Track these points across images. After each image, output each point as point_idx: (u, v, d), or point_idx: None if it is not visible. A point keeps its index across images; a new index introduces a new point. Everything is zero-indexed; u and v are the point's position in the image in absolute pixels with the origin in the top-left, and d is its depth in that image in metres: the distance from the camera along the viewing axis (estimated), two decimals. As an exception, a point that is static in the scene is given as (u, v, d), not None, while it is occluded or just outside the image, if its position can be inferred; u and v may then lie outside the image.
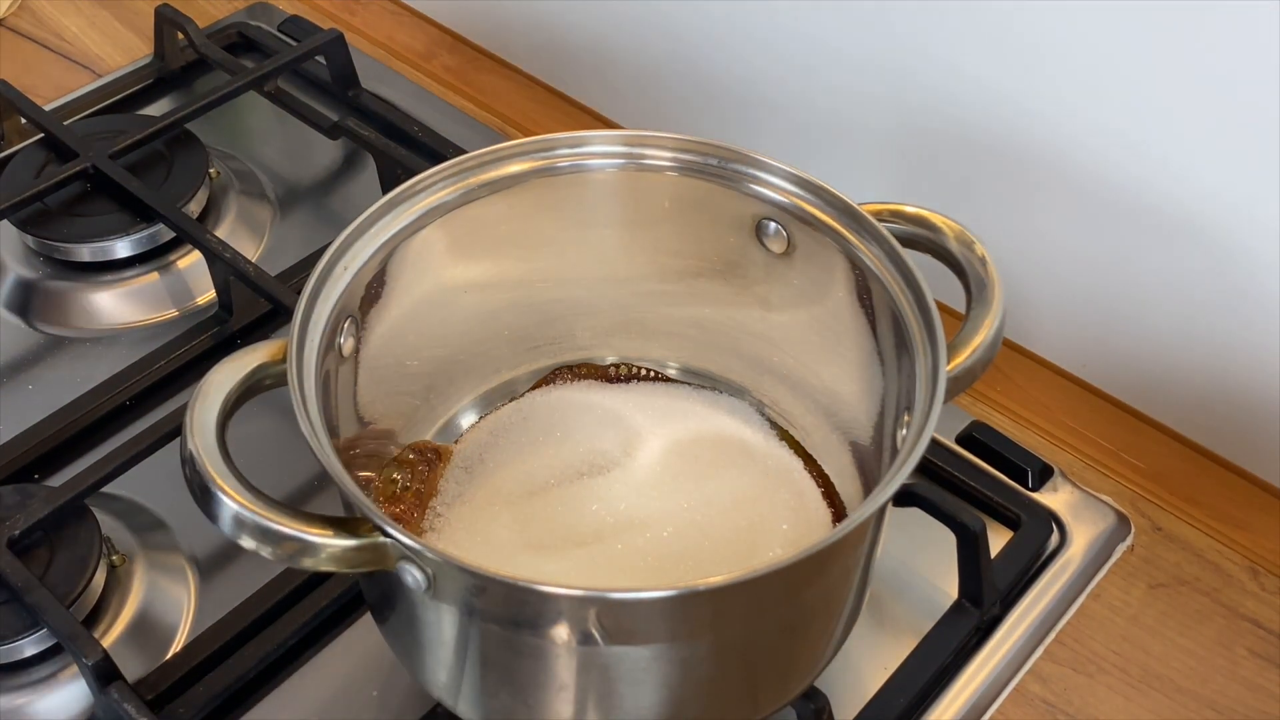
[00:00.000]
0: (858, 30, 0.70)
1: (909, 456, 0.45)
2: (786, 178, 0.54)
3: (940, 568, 0.61)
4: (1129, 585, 0.63)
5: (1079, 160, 0.65)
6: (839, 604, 0.50)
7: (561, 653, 0.46)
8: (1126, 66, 0.61)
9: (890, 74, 0.70)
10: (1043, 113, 0.65)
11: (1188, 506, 0.66)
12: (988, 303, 0.51)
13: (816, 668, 0.52)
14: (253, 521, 0.44)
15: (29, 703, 0.57)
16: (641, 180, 0.56)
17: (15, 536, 0.58)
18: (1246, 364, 0.64)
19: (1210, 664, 0.60)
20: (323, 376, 0.49)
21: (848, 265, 0.53)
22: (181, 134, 0.80)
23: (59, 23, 0.95)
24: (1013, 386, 0.71)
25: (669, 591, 0.43)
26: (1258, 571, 0.63)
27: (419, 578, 0.44)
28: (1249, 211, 0.60)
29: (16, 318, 0.74)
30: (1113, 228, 0.66)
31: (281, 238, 0.79)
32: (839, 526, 0.44)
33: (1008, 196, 0.69)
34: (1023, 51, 0.64)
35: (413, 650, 0.52)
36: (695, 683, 0.48)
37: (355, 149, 0.84)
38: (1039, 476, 0.65)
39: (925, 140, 0.71)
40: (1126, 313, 0.67)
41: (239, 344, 0.70)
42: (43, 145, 0.80)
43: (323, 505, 0.63)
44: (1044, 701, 0.58)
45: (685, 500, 0.56)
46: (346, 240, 0.52)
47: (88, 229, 0.75)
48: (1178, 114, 0.61)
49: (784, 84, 0.76)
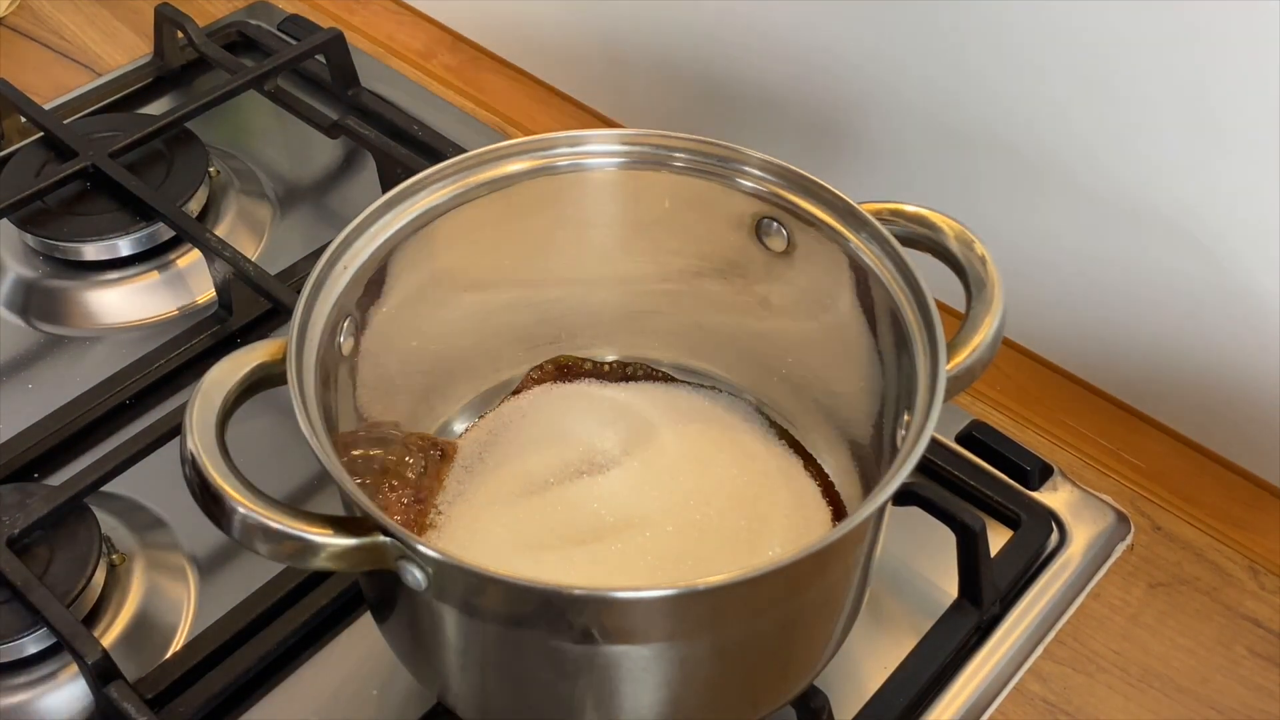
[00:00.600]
0: (857, 29, 0.70)
1: (909, 456, 0.45)
2: (786, 177, 0.54)
3: (940, 567, 0.61)
4: (1129, 584, 0.63)
5: (1079, 159, 0.65)
6: (839, 603, 0.50)
7: (560, 652, 0.46)
8: (1126, 66, 0.61)
9: (889, 73, 0.70)
10: (1043, 112, 0.65)
11: (1187, 505, 0.66)
12: (987, 302, 0.51)
13: (816, 667, 0.52)
14: (253, 521, 0.44)
15: (29, 702, 0.57)
16: (641, 179, 0.56)
17: (15, 535, 0.58)
18: (1246, 363, 0.64)
19: (1210, 663, 0.60)
20: (322, 376, 0.49)
21: (847, 264, 0.53)
22: (181, 133, 0.80)
23: (59, 21, 0.95)
24: (1012, 385, 0.71)
25: (668, 591, 0.43)
26: (1257, 571, 0.63)
27: (419, 577, 0.44)
28: (1249, 211, 0.60)
29: (16, 317, 0.74)
30: (1112, 226, 0.66)
31: (281, 237, 0.79)
32: (838, 526, 0.44)
33: (1007, 195, 0.69)
34: (1023, 51, 0.64)
35: (413, 650, 0.52)
36: (695, 682, 0.48)
37: (355, 148, 0.84)
38: (1039, 476, 0.65)
39: (925, 139, 0.71)
40: (1126, 311, 0.67)
41: (239, 343, 0.70)
42: (42, 144, 0.80)
43: (323, 505, 0.63)
44: (1044, 701, 0.58)
45: (685, 499, 0.56)
46: (346, 239, 0.52)
47: (87, 228, 0.75)
48: (1178, 113, 0.61)
49: (783, 83, 0.76)
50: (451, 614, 0.46)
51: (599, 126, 0.55)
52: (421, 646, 0.51)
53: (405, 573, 0.44)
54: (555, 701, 0.48)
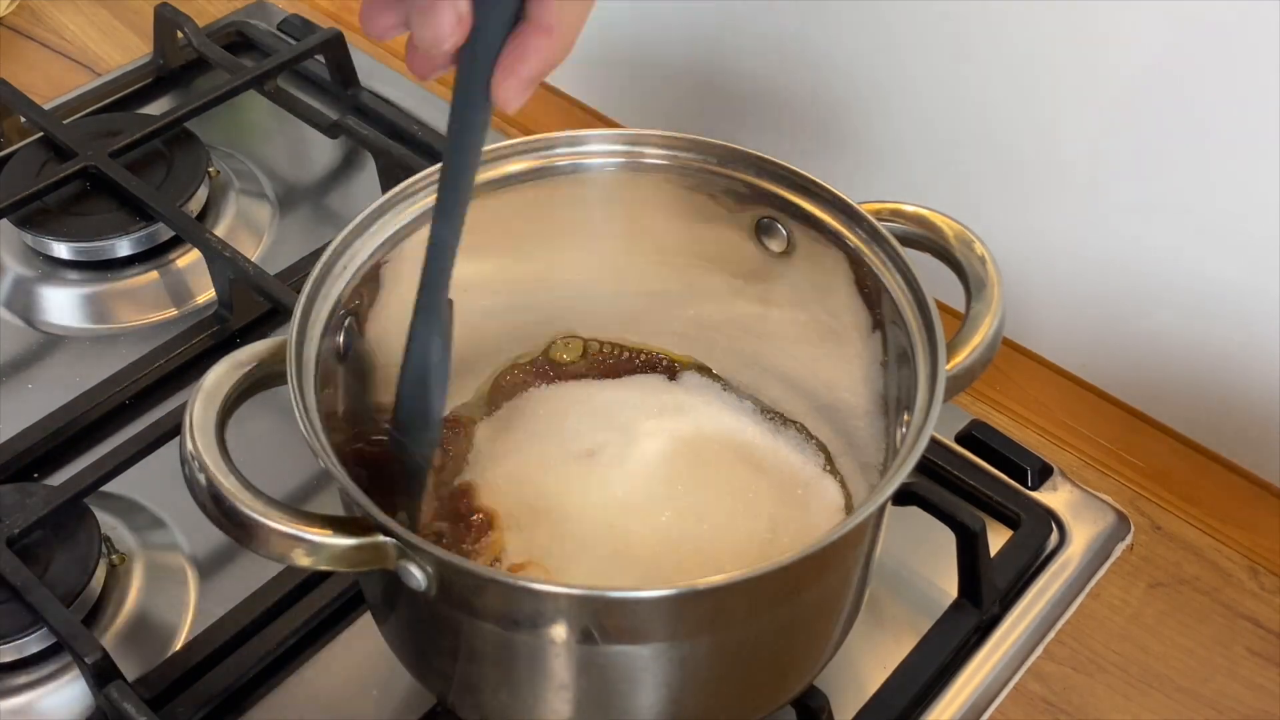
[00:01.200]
0: (857, 29, 0.70)
1: (908, 456, 0.45)
2: (786, 176, 0.54)
3: (940, 567, 0.61)
4: (1129, 584, 0.63)
5: (1079, 159, 0.65)
6: (838, 603, 0.50)
7: (561, 652, 0.46)
8: (1125, 66, 0.61)
9: (890, 73, 0.70)
10: (1043, 112, 0.65)
11: (1187, 505, 0.66)
12: (987, 301, 0.51)
13: (816, 667, 0.52)
14: (252, 521, 0.43)
15: (29, 702, 0.57)
16: (641, 179, 0.56)
17: (15, 535, 0.58)
18: (1246, 363, 0.64)
19: (1210, 663, 0.60)
20: (322, 376, 0.49)
21: (847, 264, 0.53)
22: (181, 133, 0.80)
23: (58, 21, 0.95)
24: (1012, 385, 0.71)
25: (668, 591, 0.43)
26: (1257, 570, 0.63)
27: (419, 577, 0.44)
28: (1250, 211, 0.60)
29: (16, 317, 0.74)
30: (1112, 226, 0.66)
31: (281, 237, 0.79)
32: (838, 526, 0.44)
33: (1007, 195, 0.69)
34: (1022, 51, 0.64)
35: (413, 650, 0.52)
36: (694, 682, 0.48)
37: (355, 148, 0.84)
38: (1038, 475, 0.65)
39: (925, 139, 0.71)
40: (1126, 311, 0.67)
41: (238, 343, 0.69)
42: (42, 144, 0.80)
43: (323, 505, 0.63)
44: (1044, 701, 0.58)
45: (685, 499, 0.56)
46: (346, 239, 0.52)
47: (87, 228, 0.75)
48: (1178, 113, 0.60)
49: (783, 83, 0.76)
50: (451, 614, 0.46)
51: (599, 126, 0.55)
52: (421, 647, 0.51)
53: (405, 573, 0.44)
54: (555, 702, 0.48)
